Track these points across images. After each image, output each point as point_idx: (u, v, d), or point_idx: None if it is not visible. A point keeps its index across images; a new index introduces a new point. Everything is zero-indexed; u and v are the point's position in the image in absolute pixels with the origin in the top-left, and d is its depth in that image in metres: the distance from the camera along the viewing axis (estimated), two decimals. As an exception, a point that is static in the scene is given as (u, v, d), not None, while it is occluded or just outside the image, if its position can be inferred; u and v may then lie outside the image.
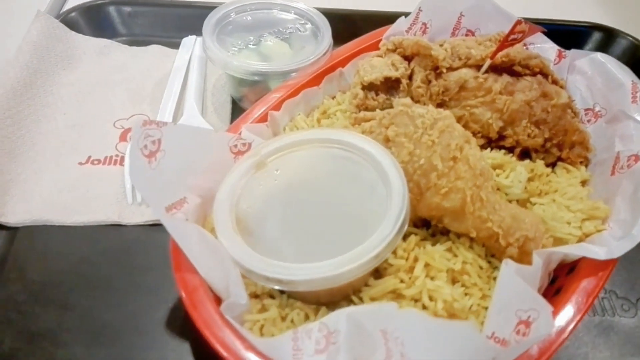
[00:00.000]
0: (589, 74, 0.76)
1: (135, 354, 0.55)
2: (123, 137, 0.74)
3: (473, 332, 0.40)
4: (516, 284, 0.48)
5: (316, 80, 0.75)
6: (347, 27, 0.82)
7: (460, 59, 0.68)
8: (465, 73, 0.68)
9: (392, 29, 0.80)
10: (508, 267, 0.49)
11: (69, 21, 0.88)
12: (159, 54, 0.88)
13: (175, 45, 0.89)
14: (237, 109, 0.82)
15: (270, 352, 0.46)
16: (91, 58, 0.85)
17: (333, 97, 0.77)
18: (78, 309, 0.59)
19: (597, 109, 0.74)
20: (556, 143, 0.69)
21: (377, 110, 0.67)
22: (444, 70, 0.68)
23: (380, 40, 0.80)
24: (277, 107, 0.70)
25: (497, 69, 0.70)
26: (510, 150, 0.70)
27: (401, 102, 0.58)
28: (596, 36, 0.95)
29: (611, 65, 0.75)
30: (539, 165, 0.67)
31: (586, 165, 0.71)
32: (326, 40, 0.77)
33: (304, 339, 0.46)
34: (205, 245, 0.50)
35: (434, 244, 0.58)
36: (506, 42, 0.66)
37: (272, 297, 0.54)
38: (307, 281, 0.45)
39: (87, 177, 0.69)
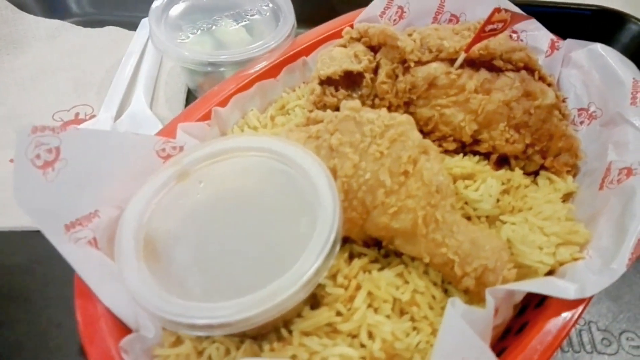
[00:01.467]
0: (585, 68, 0.67)
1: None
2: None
3: None
4: (462, 330, 0.40)
5: (275, 70, 0.67)
6: (314, 9, 0.73)
7: (430, 51, 0.60)
8: (435, 68, 0.59)
9: (365, 12, 0.71)
10: (454, 309, 0.42)
11: (18, 1, 0.80)
12: (115, 36, 0.81)
13: (134, 27, 0.82)
14: (192, 100, 0.75)
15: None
16: (41, 42, 0.79)
17: (294, 90, 0.69)
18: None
19: (592, 109, 0.65)
20: (539, 149, 0.61)
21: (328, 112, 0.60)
22: (412, 65, 0.60)
23: (353, 25, 0.71)
24: (224, 102, 0.62)
25: (474, 64, 0.61)
26: (487, 156, 0.62)
27: (348, 105, 0.50)
28: (602, 22, 0.84)
29: (612, 58, 0.65)
30: (517, 175, 0.59)
31: (574, 175, 0.62)
32: (288, 24, 0.69)
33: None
34: (108, 271, 0.44)
35: (383, 268, 0.51)
36: (483, 32, 0.57)
37: (191, 327, 0.48)
38: (208, 326, 0.38)
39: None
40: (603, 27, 0.85)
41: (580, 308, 0.45)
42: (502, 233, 0.53)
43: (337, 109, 0.62)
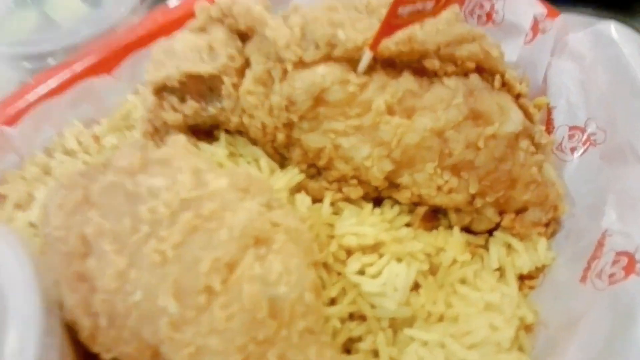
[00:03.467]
0: (587, 62, 0.44)
1: None
2: None
3: None
4: None
5: (113, 61, 0.45)
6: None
7: (317, 46, 0.37)
8: (323, 75, 0.36)
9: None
10: None
11: None
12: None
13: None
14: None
15: None
16: None
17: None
18: None
19: (590, 129, 0.43)
20: (494, 201, 0.38)
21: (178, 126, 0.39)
22: (289, 68, 0.37)
23: None
24: (14, 118, 0.41)
25: (393, 65, 0.38)
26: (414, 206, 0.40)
27: (118, 165, 0.29)
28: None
29: (631, 47, 0.42)
30: (453, 243, 0.38)
31: (553, 233, 0.41)
32: (137, -8, 0.47)
33: None
34: None
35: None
36: (394, 16, 0.33)
37: None
38: None
39: None
40: None
41: None
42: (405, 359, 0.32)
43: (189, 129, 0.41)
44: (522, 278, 0.40)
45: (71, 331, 0.30)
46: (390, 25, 0.34)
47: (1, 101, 0.42)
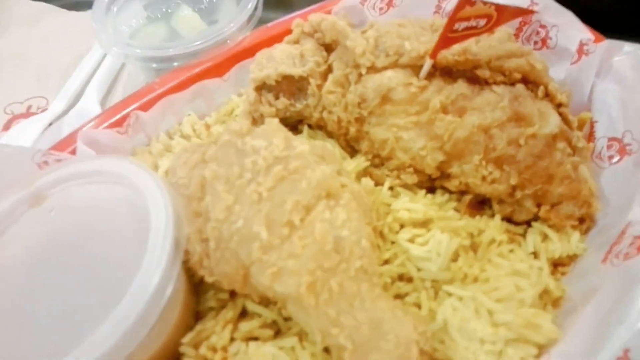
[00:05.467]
0: (629, 82, 0.49)
1: None
2: (7, 126, 0.63)
3: None
4: None
5: (223, 68, 0.57)
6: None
7: (387, 54, 0.46)
8: (391, 78, 0.45)
9: (343, 1, 0.58)
10: None
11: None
12: (96, 21, 0.75)
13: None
14: (153, 96, 0.67)
15: None
16: (20, 26, 0.75)
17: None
18: None
19: (626, 139, 0.48)
20: (532, 194, 0.45)
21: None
22: (363, 71, 0.46)
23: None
24: (146, 105, 0.53)
25: (450, 73, 0.46)
26: (461, 195, 0.47)
27: (232, 128, 0.39)
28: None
29: (671, 68, 0.47)
30: (493, 226, 0.44)
31: (587, 230, 0.46)
32: (246, 8, 0.58)
33: None
34: None
35: (279, 334, 0.40)
36: (451, 32, 0.42)
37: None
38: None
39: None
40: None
41: None
42: (441, 311, 0.39)
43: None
44: (555, 265, 0.46)
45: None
46: (448, 38, 0.42)
47: (137, 92, 0.55)
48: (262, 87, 0.50)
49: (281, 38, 0.56)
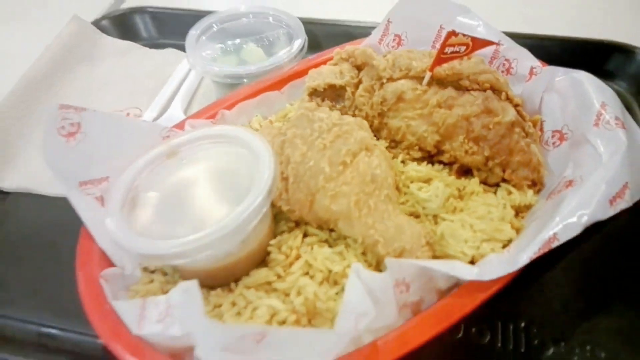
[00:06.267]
0: (565, 94, 0.71)
1: (56, 302, 0.64)
2: (113, 126, 0.85)
3: None
4: (358, 289, 0.48)
5: (281, 84, 0.79)
6: (326, 37, 0.85)
7: (400, 70, 0.68)
8: (403, 84, 0.68)
9: (366, 41, 0.82)
10: (354, 273, 0.49)
11: (102, 26, 1.02)
12: (171, 56, 0.99)
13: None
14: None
15: (121, 314, 0.51)
16: (113, 57, 0.98)
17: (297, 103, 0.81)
18: (27, 261, 0.69)
19: (564, 130, 0.69)
20: (499, 162, 0.66)
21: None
22: (384, 81, 0.69)
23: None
24: (230, 106, 0.75)
25: (443, 83, 0.68)
26: (450, 165, 0.68)
27: (304, 105, 0.60)
28: (611, 54, 0.87)
29: (591, 85, 0.69)
30: (472, 183, 0.65)
31: (539, 190, 0.67)
32: (297, 47, 0.82)
33: (150, 308, 0.50)
34: (101, 220, 0.57)
35: (328, 246, 0.60)
36: (443, 54, 0.65)
37: (164, 274, 0.60)
38: (146, 256, 0.50)
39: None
40: (612, 59, 0.87)
41: (489, 292, 0.51)
42: (439, 228, 0.59)
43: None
44: (516, 212, 0.66)
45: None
46: (441, 58, 0.65)
47: (223, 99, 0.77)
48: (313, 93, 0.73)
49: (318, 65, 0.80)
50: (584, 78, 0.69)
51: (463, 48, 0.65)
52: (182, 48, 0.99)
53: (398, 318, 0.51)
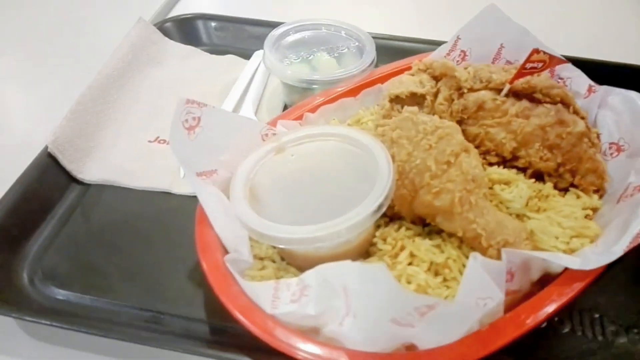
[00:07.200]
0: (618, 110, 0.79)
1: (159, 290, 0.66)
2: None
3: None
4: (480, 275, 0.53)
5: (353, 92, 0.84)
6: (393, 51, 0.91)
7: (481, 81, 0.75)
8: (484, 94, 0.74)
9: (433, 54, 0.88)
10: (475, 260, 0.54)
11: (164, 29, 1.05)
12: (232, 62, 1.03)
13: (247, 56, 1.03)
14: (287, 113, 0.93)
15: (253, 296, 0.55)
16: (176, 60, 1.02)
17: (368, 109, 0.86)
18: (122, 253, 0.71)
19: (620, 143, 0.76)
20: (569, 169, 0.72)
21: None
22: (465, 91, 0.75)
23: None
24: (313, 109, 0.80)
25: (517, 95, 0.75)
26: (524, 170, 0.74)
27: (409, 110, 0.66)
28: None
29: (642, 101, 0.77)
30: (547, 187, 0.71)
31: (601, 196, 0.73)
32: (369, 57, 0.87)
33: (283, 290, 0.54)
34: (221, 207, 0.61)
35: (424, 239, 0.64)
36: (523, 69, 0.71)
37: (273, 261, 0.64)
38: (286, 239, 0.54)
39: (152, 152, 0.83)
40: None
41: (586, 281, 0.56)
42: (527, 224, 0.65)
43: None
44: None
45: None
46: (521, 72, 0.72)
47: (304, 102, 0.81)
48: (394, 100, 0.78)
49: (387, 78, 0.86)
50: (635, 96, 0.77)
51: (540, 64, 0.72)
52: (241, 55, 1.04)
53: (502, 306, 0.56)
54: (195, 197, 0.77)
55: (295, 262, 0.63)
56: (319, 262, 0.60)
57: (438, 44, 0.90)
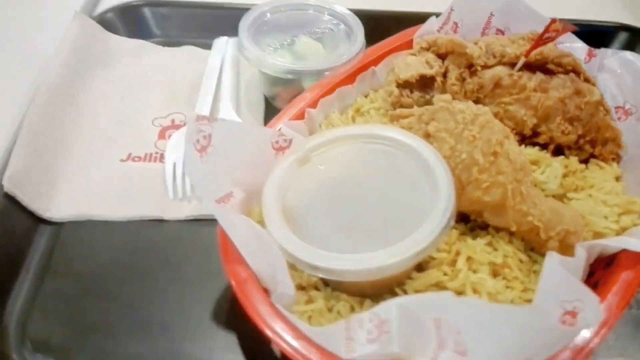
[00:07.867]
0: (618, 72, 0.77)
1: (182, 346, 0.57)
2: (162, 135, 0.76)
3: (544, 317, 0.41)
4: (561, 275, 0.48)
5: (349, 79, 0.76)
6: (378, 27, 0.83)
7: (494, 56, 0.69)
8: (500, 70, 0.69)
9: (423, 28, 0.81)
10: (552, 258, 0.49)
11: (105, 22, 0.89)
12: (191, 55, 0.90)
13: (207, 47, 0.91)
14: (269, 108, 0.83)
15: (323, 341, 0.47)
16: (127, 58, 0.87)
17: (366, 96, 0.78)
18: (124, 301, 0.60)
19: (627, 106, 0.75)
20: (589, 140, 0.70)
21: (415, 107, 0.68)
22: (479, 68, 0.69)
23: (412, 39, 0.81)
24: (313, 104, 0.71)
25: (530, 67, 0.70)
26: (544, 146, 0.71)
27: (442, 99, 0.59)
28: (623, 36, 0.95)
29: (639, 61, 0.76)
30: (573, 161, 0.68)
31: (618, 162, 0.72)
32: (359, 40, 0.79)
33: (356, 329, 0.47)
34: (253, 235, 0.52)
35: (473, 238, 0.59)
36: (540, 40, 0.67)
37: (317, 289, 0.56)
38: (355, 271, 0.46)
39: (129, 174, 0.70)
40: (624, 41, 0.96)
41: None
42: (571, 206, 0.62)
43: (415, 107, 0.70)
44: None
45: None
46: (537, 44, 0.67)
47: (301, 96, 0.72)
48: (400, 85, 0.71)
49: (380, 59, 0.78)
50: (633, 57, 0.76)
51: (554, 33, 0.68)
52: (200, 45, 0.92)
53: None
54: (194, 220, 0.68)
55: (342, 286, 0.55)
56: (372, 284, 0.54)
57: (423, 17, 0.83)
